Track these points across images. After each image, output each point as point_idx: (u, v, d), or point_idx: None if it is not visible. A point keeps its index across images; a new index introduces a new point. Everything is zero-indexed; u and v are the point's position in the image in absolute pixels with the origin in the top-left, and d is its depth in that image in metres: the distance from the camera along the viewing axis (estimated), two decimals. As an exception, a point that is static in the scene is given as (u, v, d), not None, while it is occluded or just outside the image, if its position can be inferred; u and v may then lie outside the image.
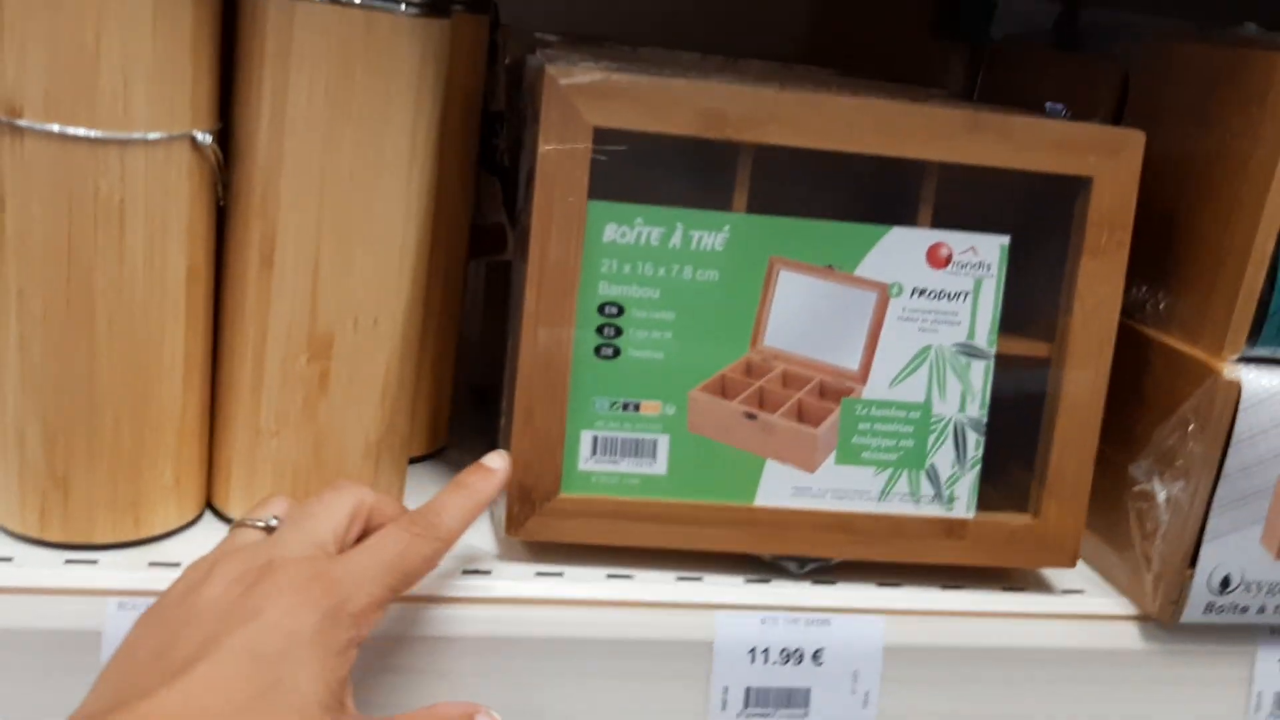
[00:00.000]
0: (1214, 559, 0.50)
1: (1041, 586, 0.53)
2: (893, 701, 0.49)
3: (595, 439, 0.49)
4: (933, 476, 0.50)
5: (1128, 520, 0.52)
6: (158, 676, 0.37)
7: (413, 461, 0.57)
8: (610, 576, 0.49)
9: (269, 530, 0.43)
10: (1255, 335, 0.49)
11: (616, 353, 0.48)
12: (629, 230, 0.47)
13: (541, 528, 0.49)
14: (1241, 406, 0.48)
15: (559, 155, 0.46)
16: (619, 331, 0.48)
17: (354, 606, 0.40)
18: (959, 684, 0.50)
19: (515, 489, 0.48)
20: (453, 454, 0.60)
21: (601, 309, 0.48)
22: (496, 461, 0.47)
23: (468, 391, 0.68)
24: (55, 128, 0.41)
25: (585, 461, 0.49)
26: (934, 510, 0.51)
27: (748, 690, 0.48)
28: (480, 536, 0.51)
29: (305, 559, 0.41)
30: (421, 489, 0.55)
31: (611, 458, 0.49)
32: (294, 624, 0.39)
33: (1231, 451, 0.48)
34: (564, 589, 0.48)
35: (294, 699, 0.39)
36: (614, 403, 0.48)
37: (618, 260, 0.47)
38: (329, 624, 0.40)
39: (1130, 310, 0.54)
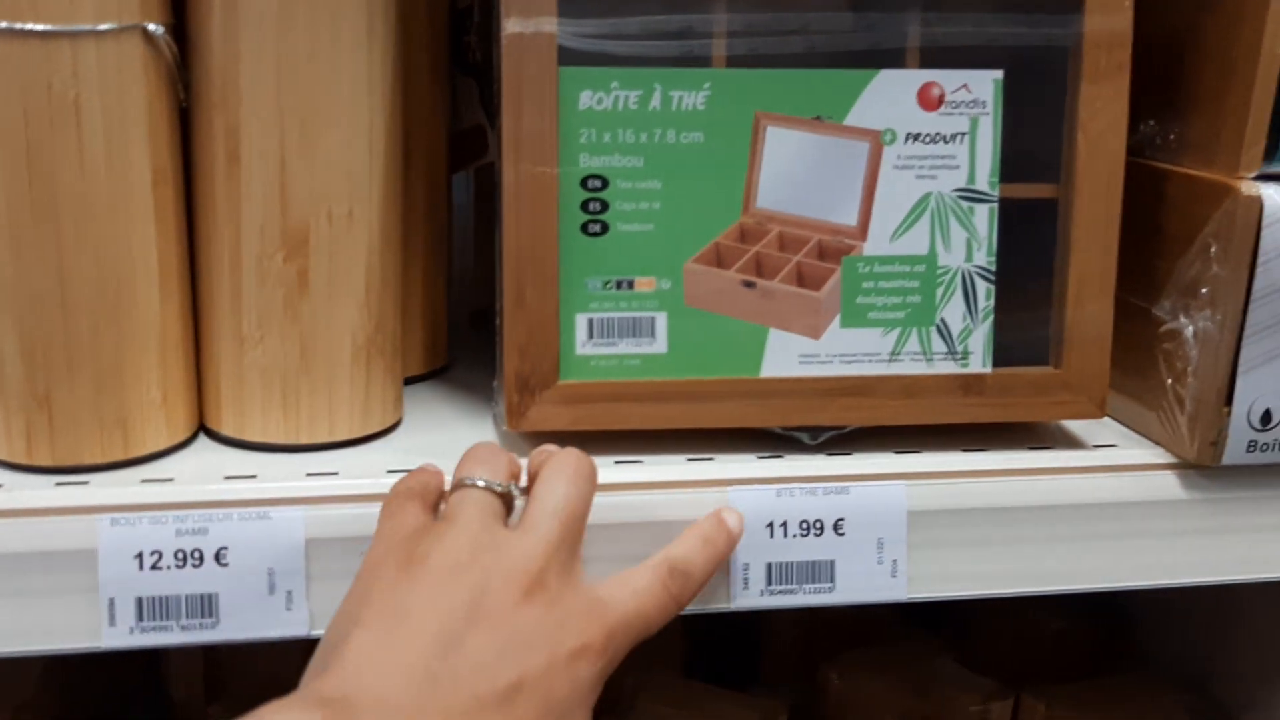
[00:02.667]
0: (1252, 392, 0.47)
1: (1070, 443, 0.51)
2: (922, 569, 0.47)
3: (590, 321, 0.47)
4: (944, 332, 0.48)
5: (1157, 367, 0.50)
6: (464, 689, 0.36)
7: (411, 381, 0.55)
8: (618, 463, 0.47)
9: (507, 497, 0.41)
10: (1273, 151, 0.46)
11: (604, 228, 0.46)
12: (605, 96, 0.45)
13: (542, 417, 0.47)
14: (1265, 223, 0.45)
15: (524, 24, 0.44)
16: (605, 206, 0.46)
17: (613, 665, 0.40)
18: (991, 546, 0.47)
19: (512, 379, 0.46)
20: (454, 373, 0.58)
21: (584, 183, 0.46)
22: (733, 519, 0.45)
23: (468, 317, 0.66)
24: (3, 24, 0.40)
25: (582, 345, 0.47)
26: (948, 367, 0.48)
27: (769, 566, 0.46)
28: (481, 431, 0.50)
29: (593, 600, 0.39)
30: (422, 409, 0.54)
31: (609, 339, 0.47)
32: (580, 676, 0.38)
33: (1259, 272, 0.46)
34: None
35: None
36: (606, 281, 0.47)
37: (596, 129, 0.46)
38: (599, 681, 0.39)
39: (1140, 148, 0.51)
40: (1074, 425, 0.52)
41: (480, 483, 0.41)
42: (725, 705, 0.59)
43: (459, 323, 0.65)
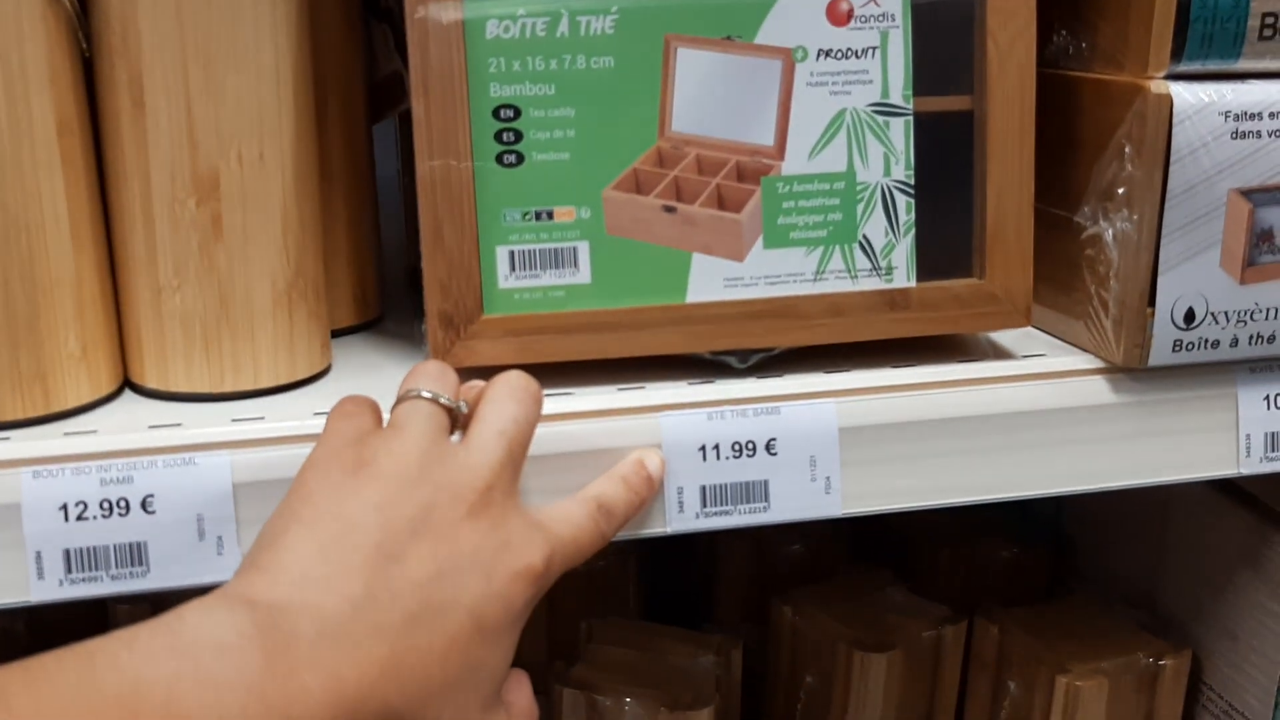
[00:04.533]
0: (1173, 291, 0.48)
1: (999, 354, 0.51)
2: (856, 484, 0.47)
3: (511, 253, 0.47)
4: (867, 248, 0.48)
5: (1081, 274, 0.50)
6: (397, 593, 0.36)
7: (342, 333, 0.55)
8: (549, 395, 0.47)
9: (453, 413, 0.41)
10: (1180, 50, 0.46)
11: (520, 159, 0.46)
12: (512, 24, 0.45)
13: (469, 353, 0.47)
14: (1175, 120, 0.45)
15: (427, -44, 0.44)
16: (519, 136, 0.46)
17: (546, 589, 0.40)
18: (924, 459, 0.48)
19: (436, 316, 0.46)
20: (387, 325, 0.58)
21: (496, 113, 0.46)
22: (653, 461, 0.45)
23: (406, 274, 0.66)
24: (-111, -25, 0.40)
25: (505, 279, 0.47)
26: (873, 283, 0.48)
27: (703, 488, 0.46)
28: (407, 370, 0.50)
29: (533, 524, 0.39)
30: (351, 357, 0.53)
31: (531, 271, 0.47)
32: (516, 598, 0.38)
33: (1173, 170, 0.46)
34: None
35: (486, 685, 0.38)
36: (525, 213, 0.46)
37: (505, 58, 0.45)
38: (532, 603, 0.39)
39: (1055, 59, 0.51)
40: (1004, 337, 0.53)
41: (427, 394, 0.40)
42: (678, 644, 0.60)
43: (396, 278, 0.65)
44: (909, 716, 0.62)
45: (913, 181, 0.48)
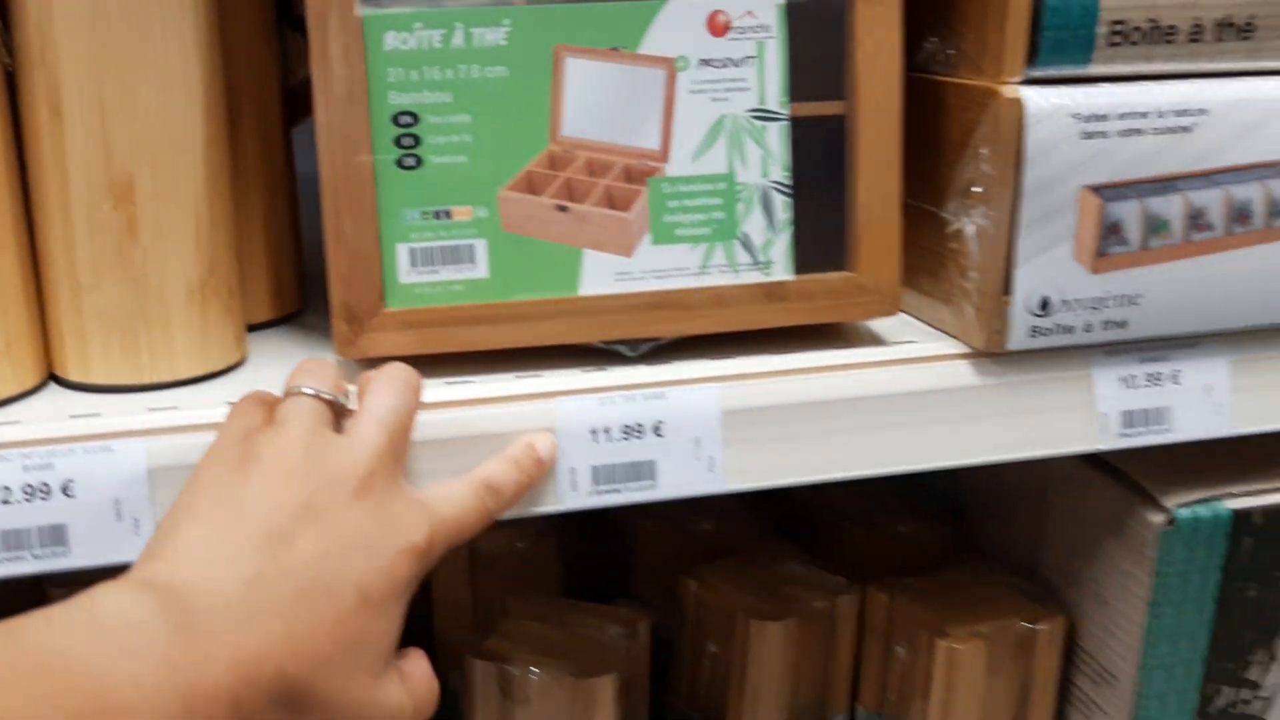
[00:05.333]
0: (1029, 281, 0.51)
1: (874, 341, 0.55)
2: (738, 463, 0.51)
3: (411, 250, 0.50)
4: (747, 244, 0.52)
5: (947, 265, 0.54)
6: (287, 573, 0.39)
7: (260, 327, 0.58)
8: (450, 384, 0.50)
9: (335, 406, 0.44)
10: (1034, 56, 0.50)
11: (418, 162, 0.49)
12: (409, 36, 0.48)
13: (372, 344, 0.50)
14: (1028, 123, 0.49)
15: (327, -28, 0.47)
16: (417, 140, 0.49)
17: (430, 565, 0.43)
18: (802, 439, 0.51)
19: (339, 308, 0.49)
20: (305, 319, 0.61)
21: (396, 120, 0.49)
22: (543, 445, 0.48)
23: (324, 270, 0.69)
24: None
25: (405, 274, 0.50)
26: (754, 277, 0.52)
27: (594, 468, 0.49)
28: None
29: (416, 505, 0.43)
30: (267, 350, 0.56)
31: (430, 267, 0.50)
32: (400, 574, 0.41)
33: (1026, 170, 0.50)
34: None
35: (375, 653, 0.41)
36: (424, 212, 0.50)
37: (403, 68, 0.48)
38: (416, 579, 0.43)
39: (926, 64, 0.55)
40: (880, 324, 0.56)
41: (309, 390, 0.44)
42: (589, 617, 0.63)
43: (318, 273, 0.68)
44: (806, 681, 0.66)
45: (790, 182, 0.52)
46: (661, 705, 0.71)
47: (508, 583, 0.71)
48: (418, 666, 0.44)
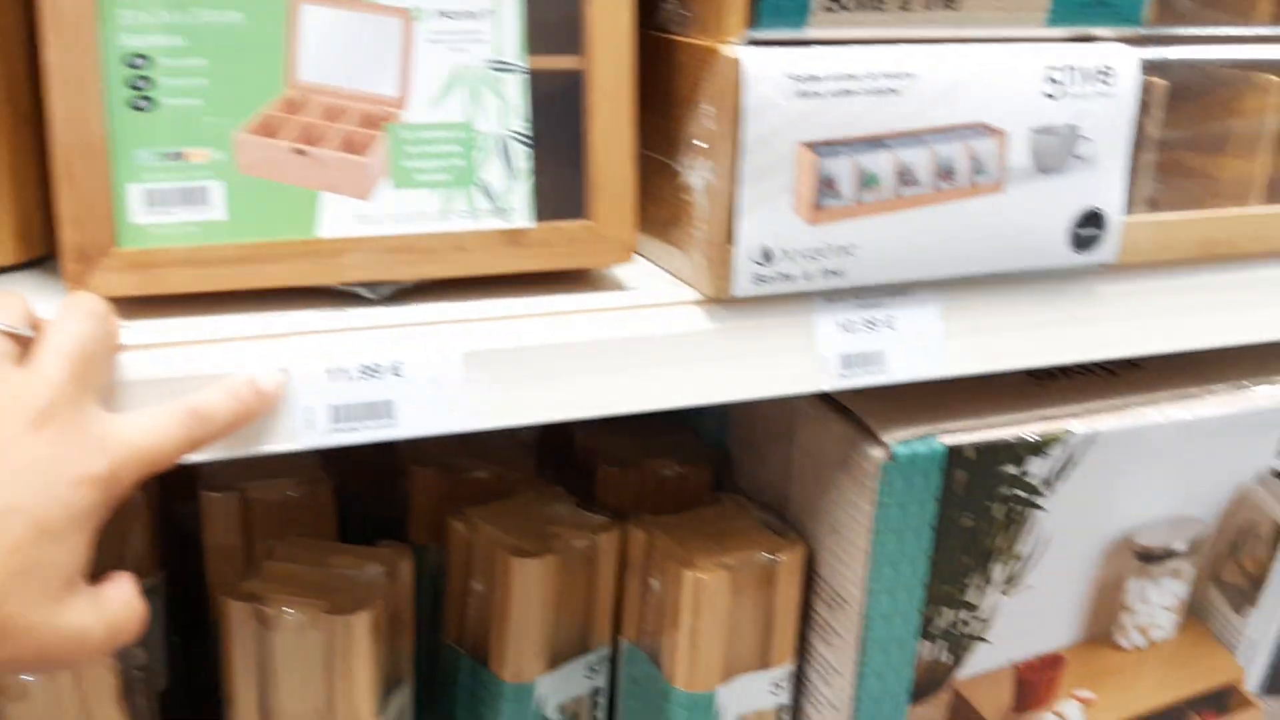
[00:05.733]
0: (751, 232, 0.55)
1: (615, 287, 0.58)
2: (478, 403, 0.53)
3: (144, 191, 0.50)
4: (487, 191, 0.54)
5: (680, 214, 0.57)
6: None
7: (7, 270, 0.57)
8: (182, 324, 0.51)
9: (17, 338, 0.44)
10: (755, 19, 0.53)
11: (151, 104, 0.49)
12: (137, -23, 0.48)
13: (104, 284, 0.50)
14: (746, 82, 0.52)
15: (49, -93, 0.47)
16: (150, 82, 0.49)
17: (120, 492, 0.43)
18: (540, 380, 0.54)
19: (70, 249, 0.49)
20: (55, 263, 0.60)
21: (127, 62, 0.49)
22: (268, 381, 0.48)
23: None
24: None
25: (137, 214, 0.50)
26: (494, 223, 0.54)
27: (332, 407, 0.51)
28: (48, 303, 0.53)
29: (102, 434, 0.43)
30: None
31: (165, 208, 0.50)
32: (77, 502, 0.42)
33: (746, 127, 0.53)
34: (130, 339, 0.49)
35: (55, 579, 0.41)
36: (158, 154, 0.50)
37: (135, 10, 0.48)
38: (101, 507, 0.42)
39: (664, 23, 0.58)
40: (622, 272, 0.59)
41: None
42: (349, 558, 0.65)
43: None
44: (569, 615, 0.69)
45: (529, 132, 0.54)
46: (435, 642, 0.73)
47: (282, 530, 0.72)
48: (117, 590, 0.45)
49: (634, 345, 0.55)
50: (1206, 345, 0.65)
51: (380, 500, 0.80)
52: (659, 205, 0.59)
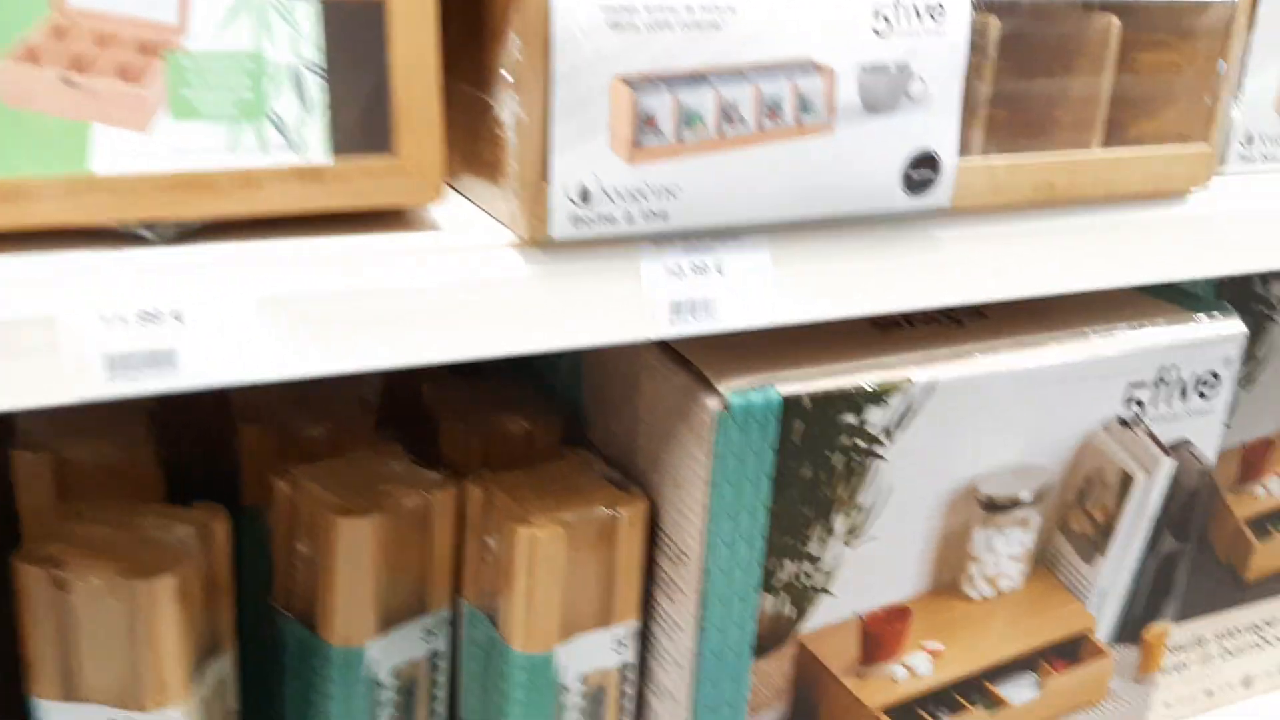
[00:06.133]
0: (567, 170, 0.52)
1: (428, 228, 0.55)
2: (271, 351, 0.50)
3: (-108, 122, 0.46)
4: (278, 124, 0.50)
5: (496, 153, 0.54)
6: None
7: None
8: (-54, 269, 0.47)
9: None
10: (565, -54, 0.51)
11: (-106, 25, 0.45)
12: None
13: None
14: (555, 12, 0.50)
15: None
16: (-109, 1, 0.45)
17: None
18: (342, 328, 0.51)
19: None
20: None
21: None
22: None
23: None
24: None
25: (-113, 148, 0.46)
26: (287, 159, 0.51)
27: (107, 357, 0.47)
28: None
29: None
30: None
31: (-84, 140, 0.46)
32: None
33: (556, 59, 0.50)
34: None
35: None
36: (-94, 81, 0.46)
37: None
38: None
39: (477, -48, 0.55)
40: (439, 213, 0.56)
41: None
42: (160, 520, 0.61)
43: None
44: (404, 577, 0.67)
45: (324, 64, 0.50)
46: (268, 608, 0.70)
47: (101, 493, 0.68)
48: None
49: (442, 290, 0.52)
50: (1045, 292, 0.64)
51: (213, 462, 0.76)
52: (476, 142, 0.56)
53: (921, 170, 0.59)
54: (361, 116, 0.52)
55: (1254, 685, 1.06)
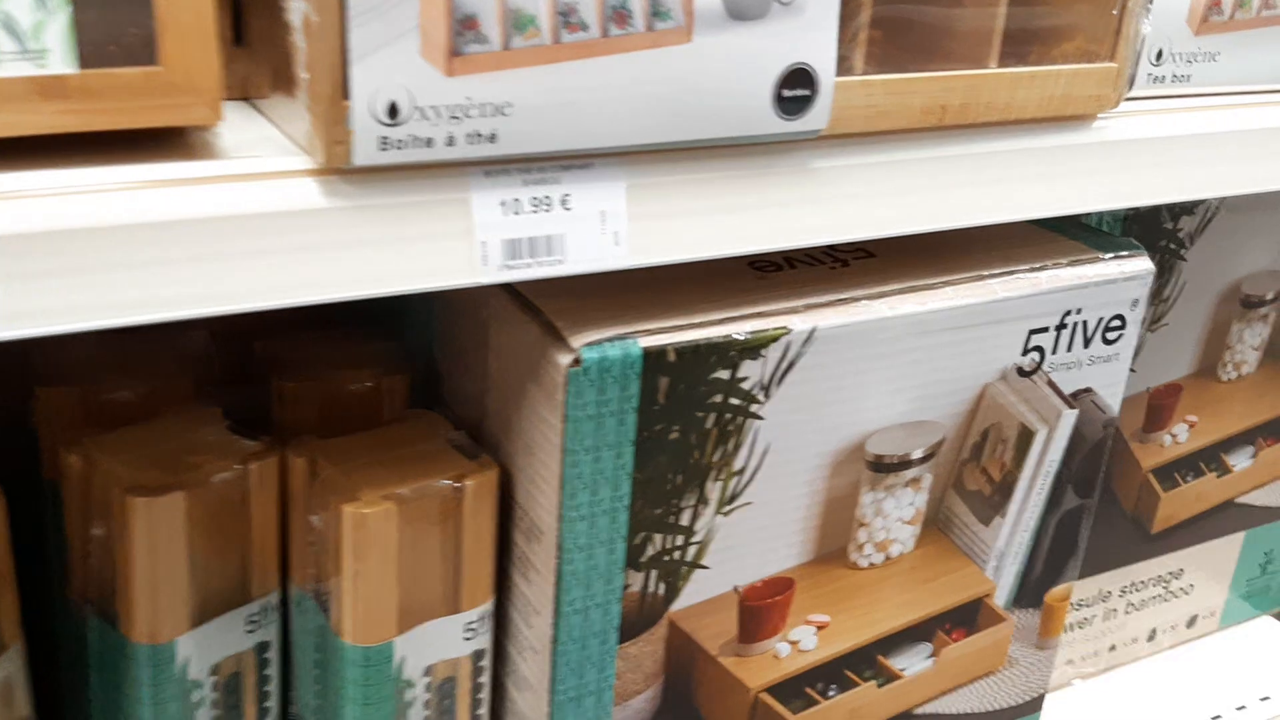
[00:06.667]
0: (370, 82, 0.44)
1: (211, 154, 0.46)
2: (15, 304, 0.41)
3: None
4: (9, 27, 0.41)
5: (289, 63, 0.46)
6: None
7: None
8: None
9: None
10: None
11: None
12: None
13: None
14: (343, -114, 0.41)
15: None
16: None
17: None
18: (100, 272, 0.42)
19: None
20: None
21: None
22: None
23: None
24: None
25: None
26: (22, 69, 0.41)
27: None
28: None
29: None
30: None
31: None
32: None
33: (349, -54, 0.42)
34: None
35: None
36: None
37: None
38: None
39: None
40: (226, 137, 0.48)
41: None
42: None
43: None
44: (219, 561, 0.58)
45: (62, -53, 0.41)
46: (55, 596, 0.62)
47: None
48: None
49: (217, 230, 0.44)
50: (937, 227, 0.58)
51: (13, 431, 0.67)
52: (271, 50, 0.47)
53: (795, 89, 0.52)
54: (115, 18, 0.43)
55: (1158, 639, 1.03)
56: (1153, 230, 0.80)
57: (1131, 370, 0.80)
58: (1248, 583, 1.06)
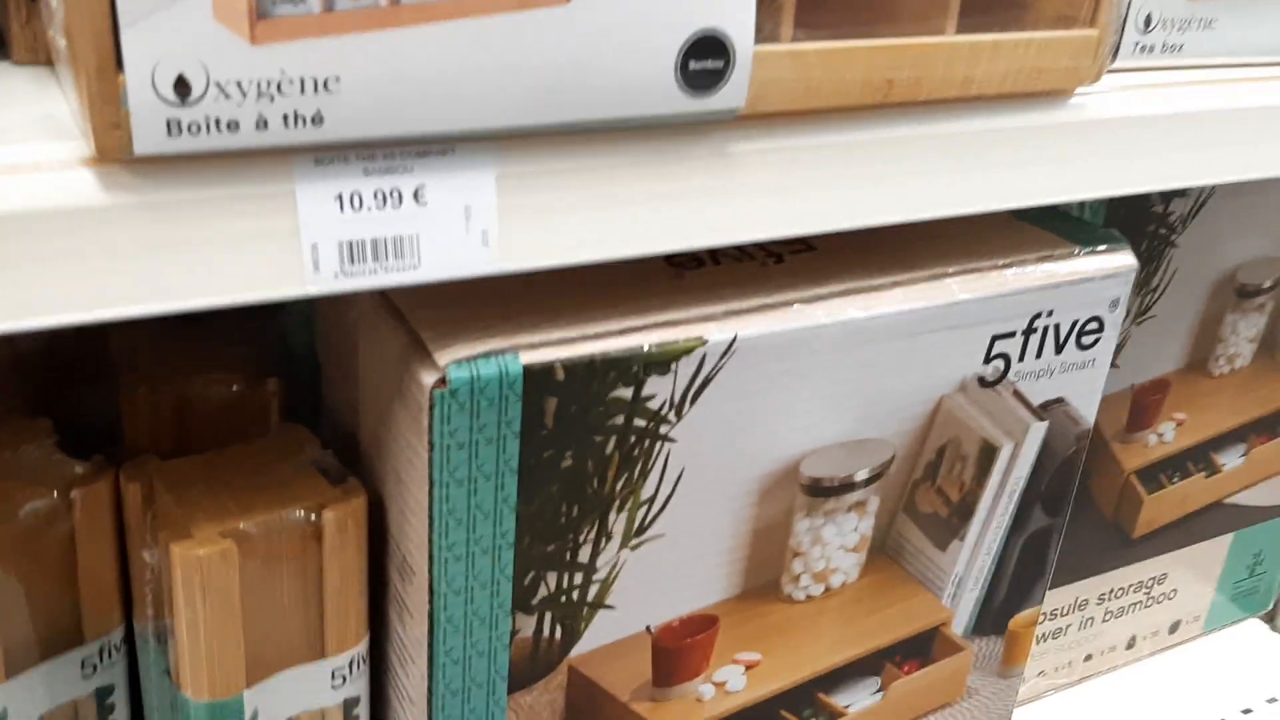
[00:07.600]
0: (149, 53, 0.35)
1: (-48, 140, 0.37)
2: None
3: None
4: None
5: (48, 29, 0.37)
6: None
7: None
8: None
9: None
10: None
11: None
12: None
13: None
14: None
15: None
16: None
17: None
18: None
19: None
20: None
21: None
22: None
23: None
24: None
25: None
26: None
27: None
28: None
29: None
30: None
31: None
32: None
33: (108, -124, 0.33)
34: None
35: None
36: None
37: None
38: None
39: None
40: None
41: None
42: None
43: None
44: (43, 601, 0.50)
45: None
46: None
47: None
48: None
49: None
50: (877, 222, 0.49)
51: None
52: (48, 10, 0.38)
53: (705, 59, 0.43)
54: None
55: (1138, 646, 0.96)
56: (1140, 215, 0.71)
57: (1114, 366, 0.72)
58: (1234, 585, 0.98)
